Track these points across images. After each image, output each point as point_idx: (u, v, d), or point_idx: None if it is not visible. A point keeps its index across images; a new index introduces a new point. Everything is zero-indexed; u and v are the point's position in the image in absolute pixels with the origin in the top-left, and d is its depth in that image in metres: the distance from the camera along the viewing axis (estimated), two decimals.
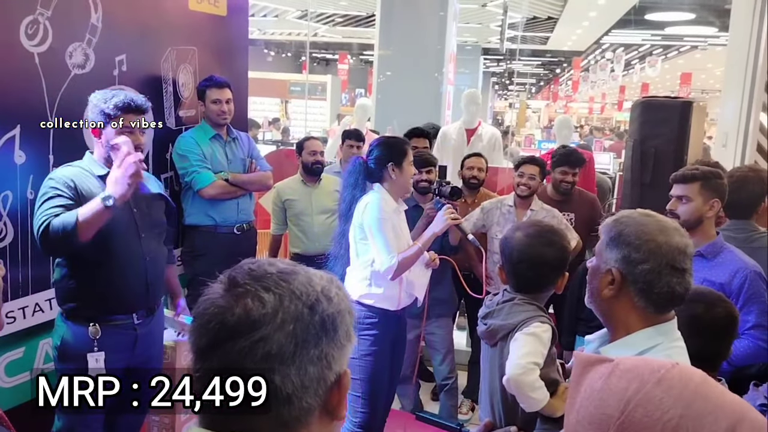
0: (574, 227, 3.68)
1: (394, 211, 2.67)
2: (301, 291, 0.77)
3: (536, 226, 1.87)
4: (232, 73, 3.40)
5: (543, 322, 1.72)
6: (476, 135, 5.22)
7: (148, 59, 2.99)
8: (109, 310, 2.32)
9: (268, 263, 0.80)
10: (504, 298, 1.81)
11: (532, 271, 1.77)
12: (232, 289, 0.76)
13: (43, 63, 2.47)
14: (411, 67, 7.05)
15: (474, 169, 3.92)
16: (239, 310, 0.74)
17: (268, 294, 0.75)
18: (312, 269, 0.82)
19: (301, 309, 0.75)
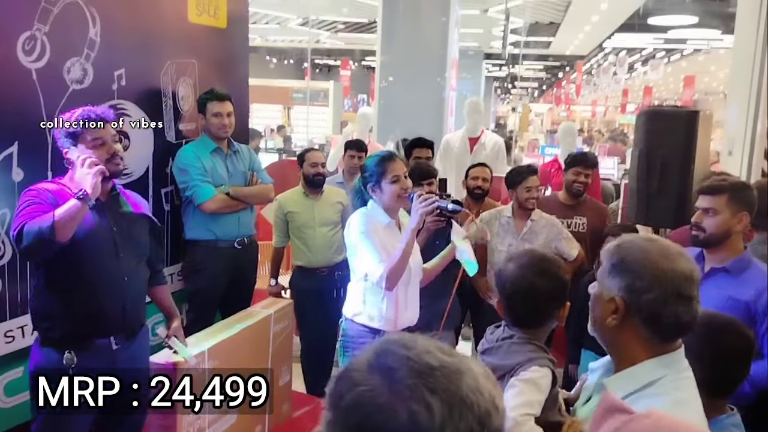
0: (584, 232, 3.65)
1: (383, 226, 2.61)
2: (472, 401, 0.64)
3: (529, 255, 1.76)
4: (232, 85, 3.37)
5: (542, 365, 1.61)
6: (479, 144, 5.19)
7: (147, 73, 2.96)
8: (84, 333, 2.20)
9: (425, 349, 0.67)
10: (504, 335, 1.72)
11: (526, 304, 1.67)
12: (392, 384, 0.64)
13: (40, 79, 2.44)
14: (413, 72, 7.04)
15: (479, 179, 3.89)
16: (404, 417, 0.62)
17: (434, 398, 0.63)
18: (472, 361, 0.70)
19: (471, 424, 0.63)
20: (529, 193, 3.47)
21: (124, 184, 2.85)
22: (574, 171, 3.75)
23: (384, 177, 2.59)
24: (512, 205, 3.58)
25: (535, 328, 1.70)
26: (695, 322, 1.21)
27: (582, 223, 3.69)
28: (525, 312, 1.68)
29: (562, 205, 3.77)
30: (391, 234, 2.63)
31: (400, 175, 2.60)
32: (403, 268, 2.51)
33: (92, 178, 2.04)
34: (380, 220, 2.62)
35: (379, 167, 2.60)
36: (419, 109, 6.89)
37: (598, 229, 3.58)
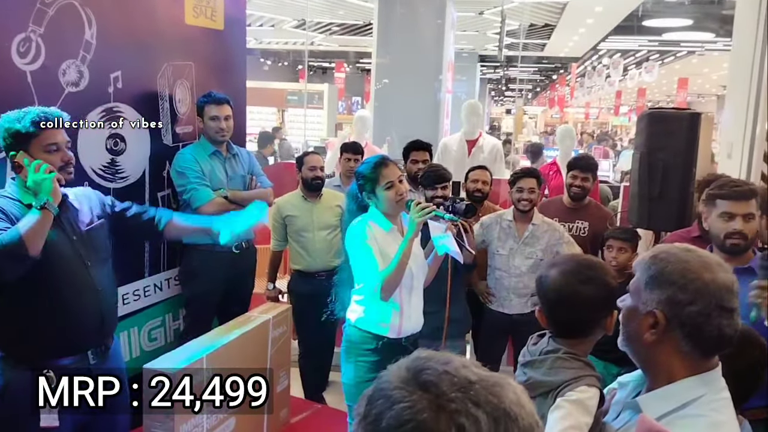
0: (586, 237, 3.62)
1: (384, 233, 2.57)
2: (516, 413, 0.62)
3: (573, 261, 1.64)
4: (230, 87, 3.33)
5: (590, 384, 1.49)
6: (477, 146, 5.16)
7: (143, 75, 2.92)
8: (59, 350, 2.09)
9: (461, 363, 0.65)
10: (548, 347, 1.60)
11: (571, 314, 1.55)
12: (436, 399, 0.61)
13: (35, 81, 2.40)
14: (409, 74, 7.02)
15: (478, 182, 3.85)
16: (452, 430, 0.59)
17: (479, 411, 0.60)
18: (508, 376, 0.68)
19: None
20: (520, 194, 3.43)
21: (120, 187, 2.82)
22: (572, 174, 3.74)
23: (378, 183, 2.55)
24: (513, 210, 3.54)
25: (580, 339, 1.59)
26: (737, 335, 1.16)
27: (584, 227, 3.67)
28: (569, 322, 1.57)
29: (565, 209, 3.75)
30: (394, 240, 2.57)
31: (394, 181, 2.55)
32: (398, 279, 2.48)
33: (51, 185, 1.94)
34: (381, 226, 2.58)
35: (373, 174, 2.56)
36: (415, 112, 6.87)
37: (601, 234, 3.55)
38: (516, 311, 3.46)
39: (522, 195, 3.42)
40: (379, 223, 2.59)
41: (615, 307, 1.52)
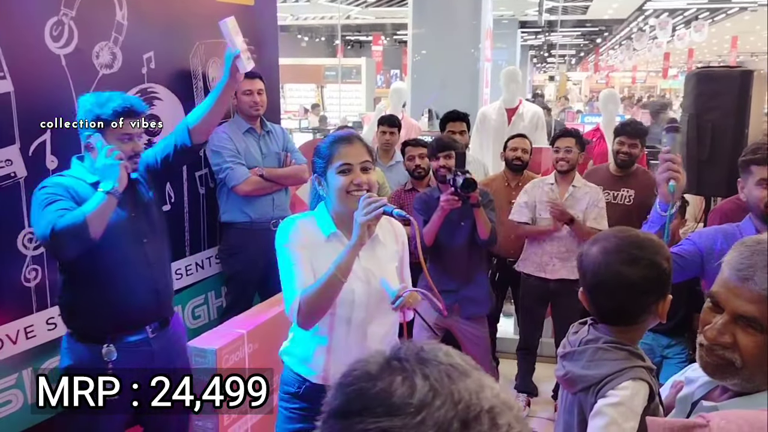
0: (631, 205, 3.51)
1: (320, 240, 1.88)
2: (462, 398, 0.58)
3: (617, 237, 1.40)
4: (262, 64, 3.30)
5: (636, 378, 1.31)
6: (517, 114, 5.04)
7: (176, 55, 2.92)
8: (119, 326, 2.17)
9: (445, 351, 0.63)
10: (588, 337, 1.41)
11: (613, 299, 1.36)
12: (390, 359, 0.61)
13: (69, 64, 2.42)
14: (446, 44, 6.88)
15: (518, 150, 3.78)
16: (382, 385, 0.58)
17: (423, 382, 0.58)
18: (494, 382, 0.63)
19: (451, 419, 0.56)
20: (557, 153, 3.42)
21: None
22: (619, 141, 3.63)
23: (330, 164, 1.86)
24: (555, 173, 3.50)
25: (627, 326, 1.39)
26: None
27: (629, 196, 3.55)
28: (611, 307, 1.38)
29: (610, 176, 3.64)
30: (334, 250, 1.84)
31: (352, 165, 1.84)
32: (323, 302, 1.79)
33: (120, 171, 2.00)
34: (319, 228, 1.89)
35: (327, 150, 1.88)
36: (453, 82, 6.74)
37: (647, 203, 3.44)
38: (559, 276, 3.40)
39: (559, 155, 3.41)
40: (319, 223, 1.90)
41: (667, 290, 1.37)
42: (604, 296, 1.37)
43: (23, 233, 2.32)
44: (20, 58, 2.25)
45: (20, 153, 2.29)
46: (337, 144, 1.87)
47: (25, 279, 2.35)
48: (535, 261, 3.48)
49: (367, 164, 1.87)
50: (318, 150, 1.93)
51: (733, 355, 1.04)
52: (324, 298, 1.78)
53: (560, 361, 1.46)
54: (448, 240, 3.07)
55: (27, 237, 2.33)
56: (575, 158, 3.44)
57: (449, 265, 3.10)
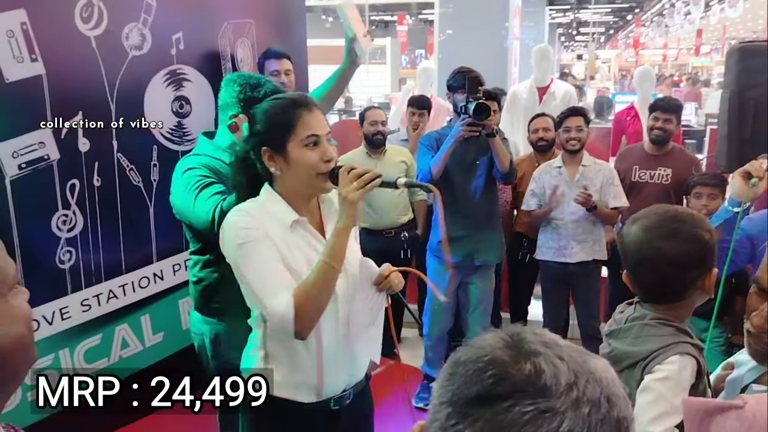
0: (668, 184, 3.44)
1: (285, 228, 1.57)
2: (602, 376, 0.60)
3: (656, 213, 1.40)
4: (290, 44, 3.27)
5: (683, 352, 1.30)
6: (549, 93, 4.95)
7: (205, 35, 2.89)
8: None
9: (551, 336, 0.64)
10: (635, 314, 1.40)
11: (656, 275, 1.35)
12: (517, 345, 0.61)
13: (100, 46, 2.41)
14: (473, 23, 6.78)
15: (540, 131, 3.73)
16: (529, 368, 0.58)
17: (561, 363, 0.58)
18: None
19: (600, 395, 0.58)
20: (567, 133, 3.37)
21: (188, 150, 2.84)
22: (653, 116, 3.55)
23: (292, 135, 1.54)
24: (562, 154, 3.45)
25: (672, 303, 1.37)
26: None
27: (666, 175, 3.47)
28: (654, 284, 1.38)
29: (645, 155, 3.56)
30: (303, 240, 1.59)
31: (320, 136, 1.56)
32: (324, 300, 1.52)
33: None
34: (279, 216, 1.57)
35: (283, 117, 1.56)
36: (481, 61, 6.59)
37: (685, 181, 3.36)
38: (578, 259, 3.37)
39: (570, 134, 3.37)
40: (275, 211, 1.57)
41: (712, 264, 1.35)
42: (648, 273, 1.37)
43: (57, 215, 2.33)
44: (51, 40, 2.25)
45: (53, 135, 2.30)
46: (297, 109, 1.56)
47: (59, 261, 2.36)
48: (553, 246, 3.44)
49: (329, 135, 1.61)
50: (267, 116, 1.58)
51: None
52: (324, 296, 1.51)
53: (605, 339, 1.45)
54: (464, 180, 2.98)
55: (61, 219, 2.34)
56: (586, 137, 3.40)
57: (463, 208, 3.01)
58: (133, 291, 2.60)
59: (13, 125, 2.18)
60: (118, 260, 2.54)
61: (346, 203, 1.53)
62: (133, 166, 2.55)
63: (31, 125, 2.21)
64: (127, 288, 2.58)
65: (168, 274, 2.72)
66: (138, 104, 2.54)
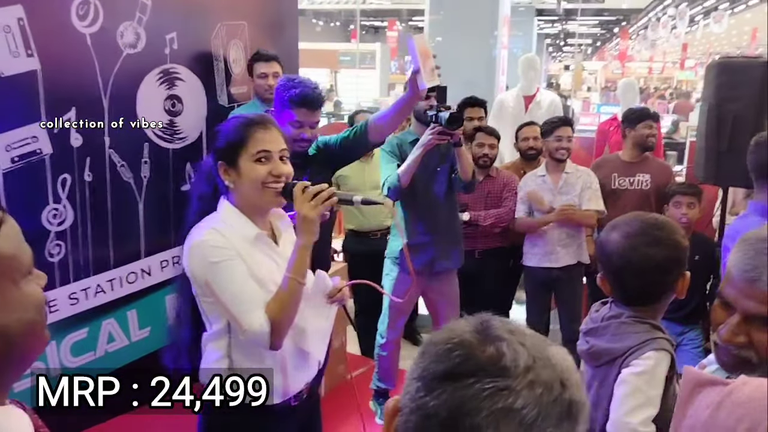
0: (648, 190, 3.53)
1: (249, 242, 1.65)
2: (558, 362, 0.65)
3: (637, 221, 1.48)
4: (282, 47, 3.32)
5: (658, 348, 1.38)
6: (534, 102, 5.03)
7: (198, 36, 2.93)
8: None
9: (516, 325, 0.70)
10: (610, 313, 1.48)
11: (640, 279, 1.42)
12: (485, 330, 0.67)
13: (95, 44, 2.44)
14: (463, 31, 6.85)
15: (530, 140, 3.79)
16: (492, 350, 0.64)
17: (523, 349, 0.65)
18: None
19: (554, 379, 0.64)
20: (559, 142, 3.44)
21: (179, 148, 2.87)
22: (646, 125, 3.59)
23: (243, 150, 1.62)
24: (545, 162, 3.52)
25: (650, 305, 1.46)
26: None
27: (645, 181, 3.56)
28: (638, 288, 1.44)
29: (623, 164, 3.64)
30: (263, 252, 1.68)
31: (271, 153, 1.63)
32: (292, 314, 1.62)
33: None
34: (242, 231, 1.64)
35: (238, 134, 1.64)
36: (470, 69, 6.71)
37: (663, 188, 3.45)
38: (563, 263, 3.44)
39: (561, 144, 3.43)
40: (237, 226, 1.64)
41: (686, 267, 1.44)
42: (632, 278, 1.43)
43: (48, 209, 2.36)
44: (47, 36, 2.28)
45: (46, 130, 2.32)
46: (251, 127, 1.64)
47: (48, 254, 2.39)
48: (539, 253, 3.51)
49: (285, 153, 1.67)
50: (225, 133, 1.67)
51: (749, 353, 1.05)
52: (294, 309, 1.62)
53: (582, 337, 1.54)
54: (425, 187, 2.99)
55: (51, 213, 2.37)
56: (572, 146, 3.51)
57: (425, 215, 3.04)
58: (121, 286, 2.63)
59: (7, 119, 2.21)
60: (107, 255, 2.57)
61: (305, 221, 1.60)
62: (124, 162, 2.58)
63: (25, 119, 2.25)
64: (115, 283, 2.61)
65: (156, 269, 2.75)
66: (131, 102, 2.58)
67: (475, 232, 3.53)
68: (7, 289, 0.80)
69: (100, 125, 2.46)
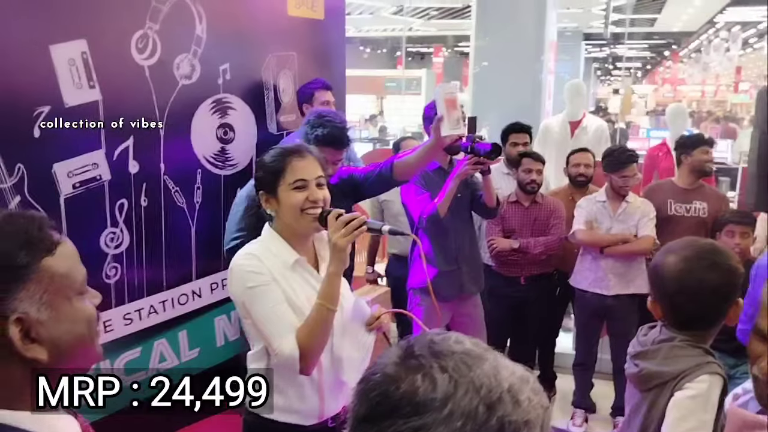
0: (706, 218, 3.46)
1: (287, 267, 1.73)
2: (483, 383, 0.62)
3: (693, 246, 1.48)
4: (330, 76, 3.41)
5: (712, 372, 1.38)
6: (581, 128, 4.99)
7: (250, 66, 3.04)
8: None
9: (455, 339, 0.67)
10: (662, 336, 1.48)
11: (695, 303, 1.42)
12: (406, 358, 0.65)
13: (152, 75, 2.56)
14: (508, 56, 6.85)
15: (581, 166, 3.76)
16: (405, 386, 0.62)
17: (443, 375, 0.62)
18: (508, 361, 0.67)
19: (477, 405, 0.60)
20: (624, 181, 3.40)
21: (229, 174, 2.97)
22: (703, 150, 3.53)
23: (281, 180, 1.73)
24: (606, 189, 3.49)
25: (702, 330, 1.47)
26: None
27: (703, 208, 3.49)
28: (692, 313, 1.44)
29: (679, 190, 3.57)
30: (302, 278, 1.76)
31: (308, 181, 1.72)
32: (323, 340, 1.69)
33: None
34: (281, 257, 1.74)
35: (277, 164, 1.74)
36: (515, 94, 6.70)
37: (716, 216, 3.38)
38: (614, 292, 3.38)
39: (627, 182, 3.41)
40: (277, 251, 1.74)
41: (740, 294, 1.44)
42: (688, 302, 1.43)
43: (105, 232, 2.47)
44: (108, 69, 2.40)
45: (105, 157, 2.44)
46: (288, 157, 1.74)
47: (105, 276, 2.49)
48: (590, 277, 3.46)
49: (321, 180, 1.76)
50: (264, 163, 1.78)
51: None
52: (324, 335, 1.68)
53: (631, 360, 1.52)
54: (451, 215, 3.01)
55: (109, 236, 2.48)
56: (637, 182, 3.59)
57: (451, 243, 3.08)
58: (173, 307, 2.72)
59: (70, 147, 2.33)
60: (160, 277, 2.66)
61: (336, 249, 1.67)
62: (178, 188, 2.68)
63: (86, 147, 2.37)
64: (167, 304, 2.70)
65: (206, 291, 2.83)
66: (185, 130, 2.68)
67: (521, 258, 3.52)
68: (60, 304, 0.87)
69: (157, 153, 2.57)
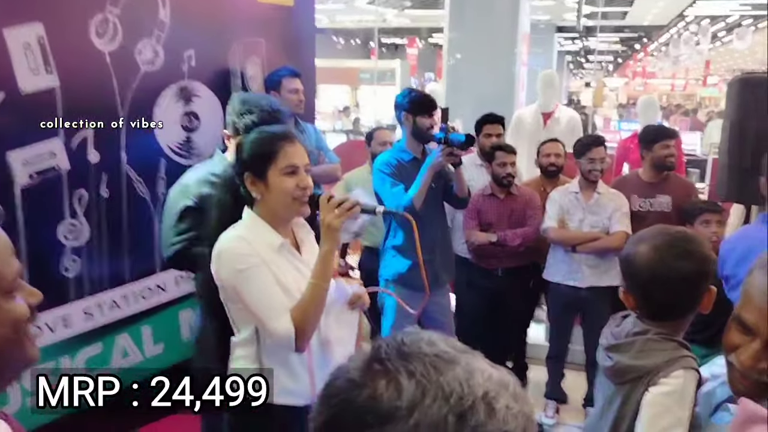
0: (670, 212, 3.44)
1: (273, 251, 1.73)
2: (453, 390, 0.55)
3: (664, 234, 1.44)
4: (299, 64, 3.34)
5: (687, 367, 1.35)
6: (553, 118, 5.00)
7: (216, 53, 2.95)
8: None
9: (428, 340, 0.61)
10: (635, 329, 1.43)
11: (667, 292, 1.38)
12: (371, 362, 0.59)
13: (114, 61, 2.47)
14: (482, 48, 6.84)
15: (551, 156, 3.75)
16: (367, 393, 0.56)
17: (409, 381, 0.56)
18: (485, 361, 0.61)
19: (445, 414, 0.54)
20: (592, 164, 3.40)
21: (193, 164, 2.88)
22: (663, 144, 3.47)
23: (272, 164, 1.72)
24: (578, 179, 3.48)
25: (675, 320, 1.42)
26: None
27: (666, 203, 3.47)
28: (664, 302, 1.40)
29: (643, 184, 3.54)
30: (287, 260, 1.76)
31: (298, 166, 1.73)
32: (317, 318, 1.72)
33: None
34: (267, 240, 1.74)
35: (268, 148, 1.73)
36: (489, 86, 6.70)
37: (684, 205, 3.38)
38: (588, 284, 3.38)
39: (595, 165, 3.38)
40: (263, 235, 1.74)
41: (713, 282, 1.41)
42: (660, 291, 1.39)
43: (64, 224, 2.38)
44: (66, 54, 2.31)
45: (64, 146, 2.35)
46: (280, 141, 1.73)
47: (64, 269, 2.40)
48: (563, 269, 3.45)
49: (308, 166, 1.77)
50: (253, 145, 1.75)
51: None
52: (319, 313, 1.72)
53: (605, 353, 1.49)
54: (425, 206, 2.97)
55: (68, 228, 2.39)
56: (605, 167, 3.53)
57: (426, 232, 3.02)
58: (136, 301, 2.64)
59: (26, 135, 2.24)
60: (122, 270, 2.58)
61: (329, 229, 1.71)
62: (140, 178, 2.60)
63: (43, 135, 2.27)
64: (130, 298, 2.62)
65: (170, 285, 2.76)
66: (148, 118, 2.60)
67: (500, 251, 3.50)
68: None
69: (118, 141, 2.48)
